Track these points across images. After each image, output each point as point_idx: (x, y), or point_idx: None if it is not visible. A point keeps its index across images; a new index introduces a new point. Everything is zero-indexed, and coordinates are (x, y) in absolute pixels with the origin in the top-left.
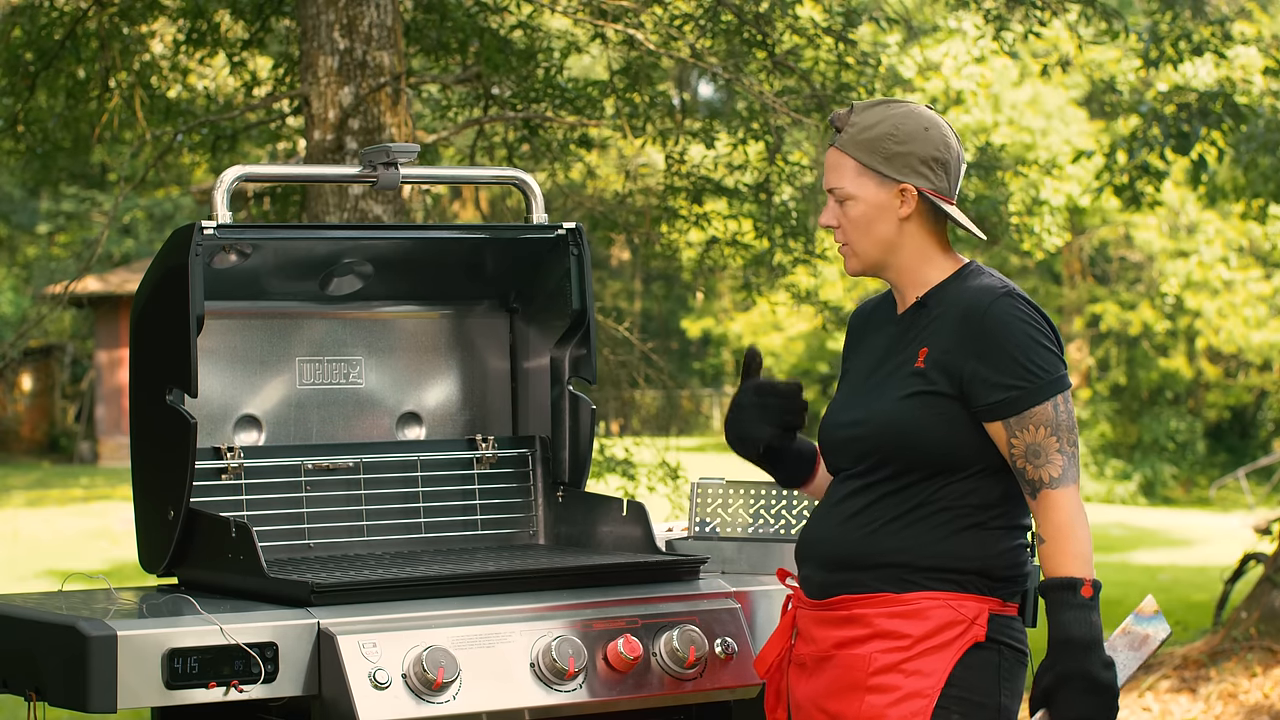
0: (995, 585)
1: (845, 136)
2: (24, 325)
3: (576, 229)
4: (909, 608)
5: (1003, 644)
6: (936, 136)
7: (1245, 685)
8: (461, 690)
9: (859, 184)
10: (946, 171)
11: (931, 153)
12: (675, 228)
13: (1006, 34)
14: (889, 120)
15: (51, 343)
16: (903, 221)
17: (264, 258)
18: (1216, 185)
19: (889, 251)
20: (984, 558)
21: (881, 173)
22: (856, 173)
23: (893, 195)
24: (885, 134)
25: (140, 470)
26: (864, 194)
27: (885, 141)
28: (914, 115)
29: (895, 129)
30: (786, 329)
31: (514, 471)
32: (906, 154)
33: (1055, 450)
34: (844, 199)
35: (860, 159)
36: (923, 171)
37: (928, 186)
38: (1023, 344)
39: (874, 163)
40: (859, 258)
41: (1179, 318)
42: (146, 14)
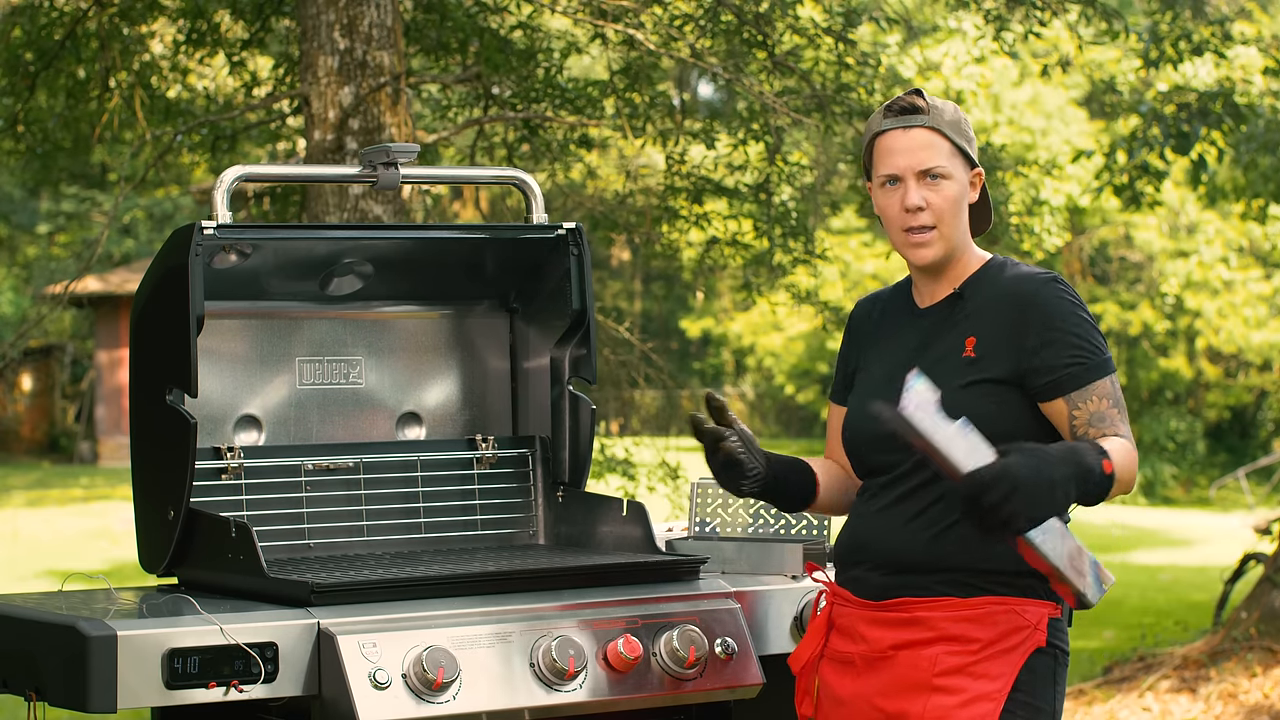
0: (1047, 589)
1: (932, 118)
2: (24, 325)
3: (576, 229)
4: (975, 612)
5: (1059, 649)
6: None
7: (1245, 685)
8: (461, 690)
9: (953, 163)
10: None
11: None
12: (675, 228)
13: (1006, 34)
14: (954, 109)
15: (51, 343)
16: (969, 206)
17: (264, 258)
18: (1216, 185)
19: (963, 236)
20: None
21: (969, 155)
22: (950, 153)
23: (970, 179)
24: (960, 119)
25: (140, 470)
26: (956, 172)
27: (963, 126)
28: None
29: (961, 117)
30: (786, 329)
31: (514, 471)
32: (972, 140)
33: (1118, 419)
34: (942, 177)
35: (954, 139)
36: (978, 161)
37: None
38: (1078, 323)
39: (963, 144)
40: (945, 241)
41: (1179, 318)
42: (146, 14)
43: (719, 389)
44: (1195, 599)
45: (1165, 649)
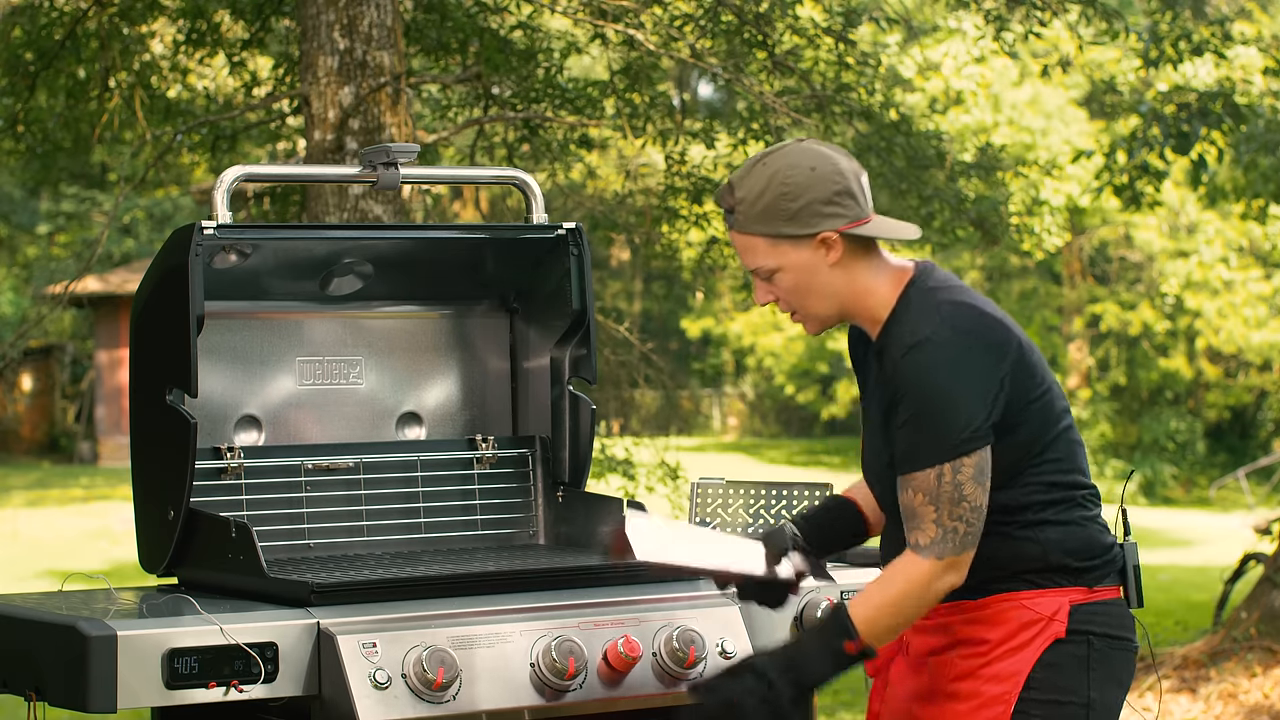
0: (1076, 575)
1: (739, 217)
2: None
3: (576, 229)
4: (985, 612)
5: (1092, 634)
6: (826, 169)
7: (1245, 685)
8: (461, 690)
9: (777, 255)
10: (852, 196)
11: (830, 189)
12: (675, 228)
13: (1006, 34)
14: (774, 180)
15: (51, 343)
16: (834, 267)
17: (264, 258)
18: (1216, 185)
19: (839, 301)
20: (1047, 555)
21: (793, 235)
22: (769, 246)
23: (815, 249)
24: (776, 196)
25: (140, 470)
26: (787, 262)
27: (780, 204)
28: (795, 161)
29: (784, 186)
30: (786, 329)
31: (514, 471)
32: (806, 205)
33: (930, 520)
34: (770, 275)
35: (765, 232)
36: (831, 212)
37: (844, 223)
38: (922, 400)
39: (780, 229)
40: (815, 320)
41: (1179, 318)
42: (146, 14)
43: (719, 389)
44: (1195, 599)
45: (1165, 649)
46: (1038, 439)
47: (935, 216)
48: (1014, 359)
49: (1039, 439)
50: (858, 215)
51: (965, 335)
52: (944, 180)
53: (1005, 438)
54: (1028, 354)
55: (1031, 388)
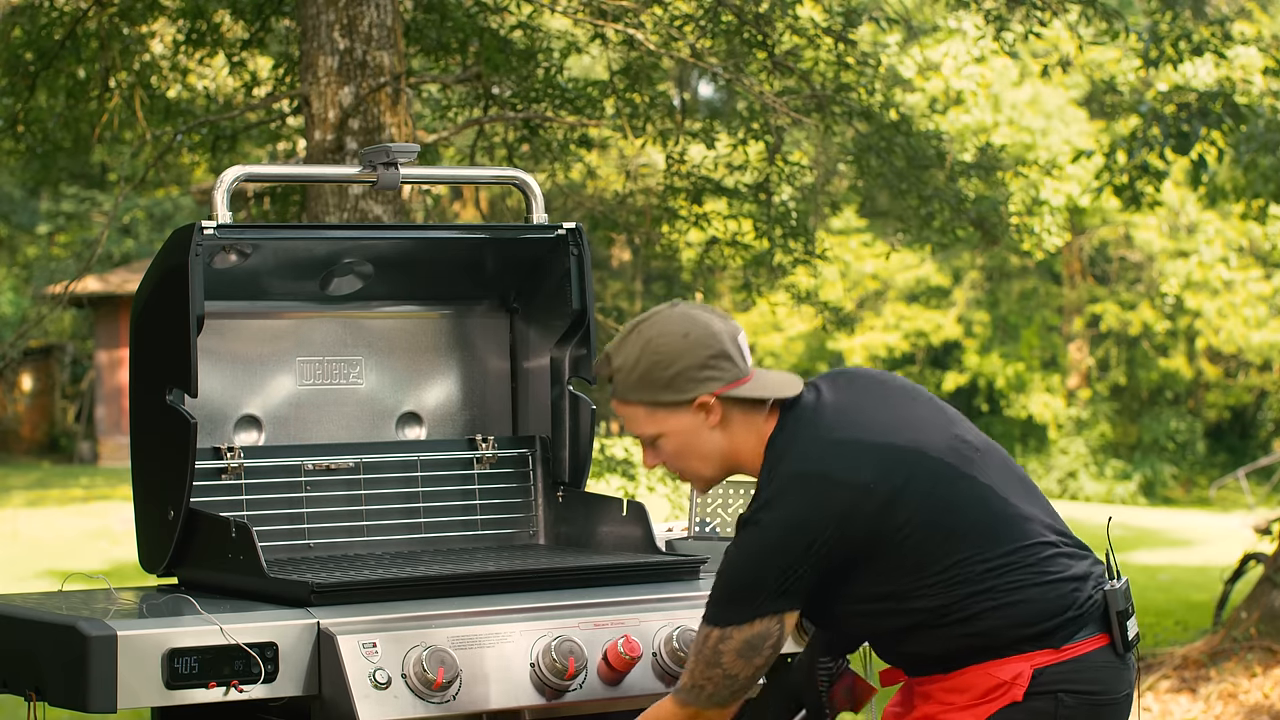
0: (1039, 639)
1: (618, 386)
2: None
3: (576, 229)
4: (955, 680)
5: (1061, 692)
6: (699, 334)
7: (1245, 685)
8: (461, 690)
9: (657, 422)
10: (728, 357)
11: (703, 355)
12: (675, 228)
13: (1007, 34)
14: (647, 349)
15: (51, 343)
16: (715, 429)
17: (264, 258)
18: (1216, 185)
19: (724, 459)
20: (997, 636)
21: (670, 401)
22: (648, 414)
23: (694, 414)
24: (650, 365)
25: (140, 470)
26: (668, 428)
27: (654, 372)
28: (667, 328)
29: (657, 354)
30: (786, 329)
31: (514, 471)
32: (679, 373)
33: (689, 668)
34: (653, 439)
35: (644, 400)
36: (706, 376)
37: (720, 386)
38: (727, 564)
39: (658, 397)
40: (702, 479)
41: (1179, 318)
42: (146, 14)
43: None
44: (1195, 599)
45: (1165, 649)
46: (931, 553)
47: (935, 216)
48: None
49: (933, 552)
50: (735, 376)
51: (784, 518)
52: (944, 180)
53: (878, 568)
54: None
55: (895, 522)
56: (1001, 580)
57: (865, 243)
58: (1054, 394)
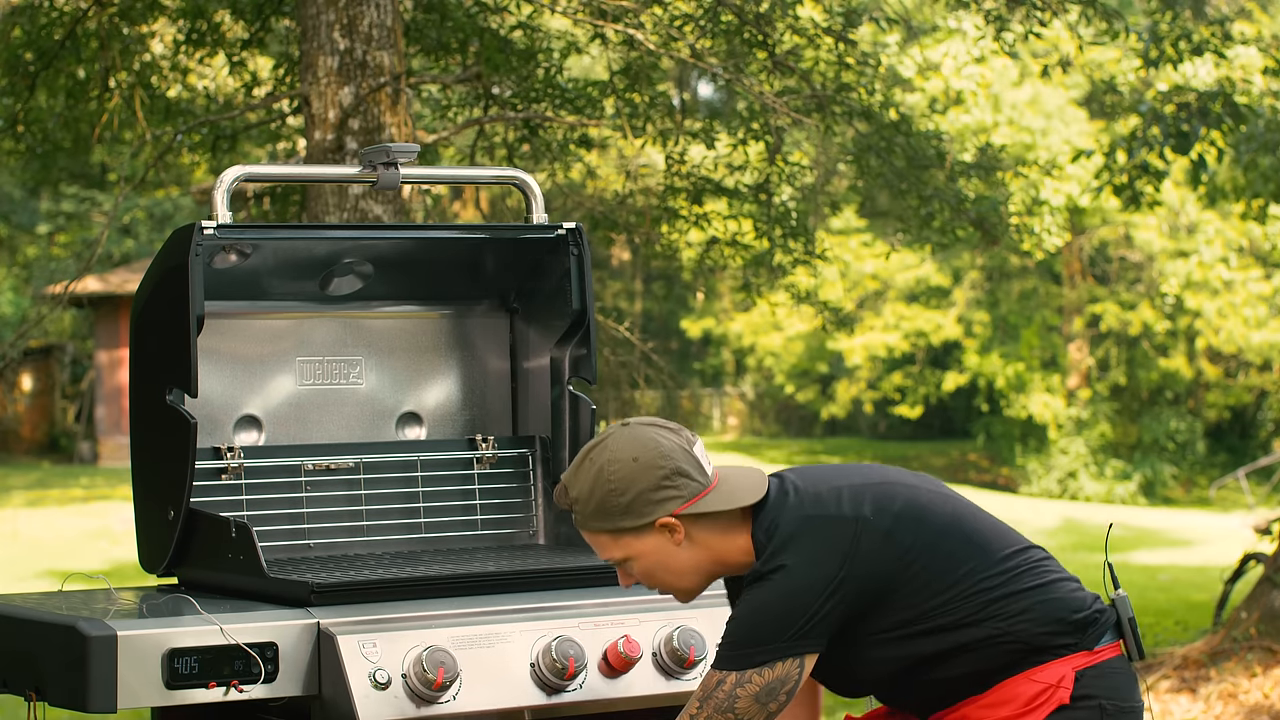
0: (1069, 643)
1: (578, 516)
2: (24, 325)
3: (576, 229)
4: (996, 695)
5: (1103, 702)
6: (649, 456)
7: (1245, 685)
8: (461, 690)
9: (624, 546)
10: (683, 474)
11: (657, 477)
12: (675, 228)
13: (1007, 34)
14: (600, 477)
15: (51, 343)
16: (684, 545)
17: (264, 258)
18: (1216, 185)
19: (700, 569)
20: (1025, 635)
21: (632, 527)
22: (612, 540)
23: (658, 534)
24: (605, 494)
25: (140, 470)
26: (635, 551)
27: (610, 500)
28: (616, 454)
29: (610, 482)
30: (786, 329)
31: (514, 471)
32: (635, 498)
33: (689, 714)
34: (622, 562)
35: (604, 528)
36: (663, 497)
37: (679, 504)
38: (742, 614)
39: (618, 524)
40: (683, 592)
41: (1179, 318)
42: (146, 14)
43: (719, 389)
44: (1195, 599)
45: (1165, 649)
46: (941, 569)
47: (935, 216)
48: (854, 557)
49: (942, 567)
50: (695, 491)
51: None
52: (944, 180)
53: (896, 595)
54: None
55: (902, 545)
56: (1013, 585)
57: (865, 243)
58: (1054, 394)
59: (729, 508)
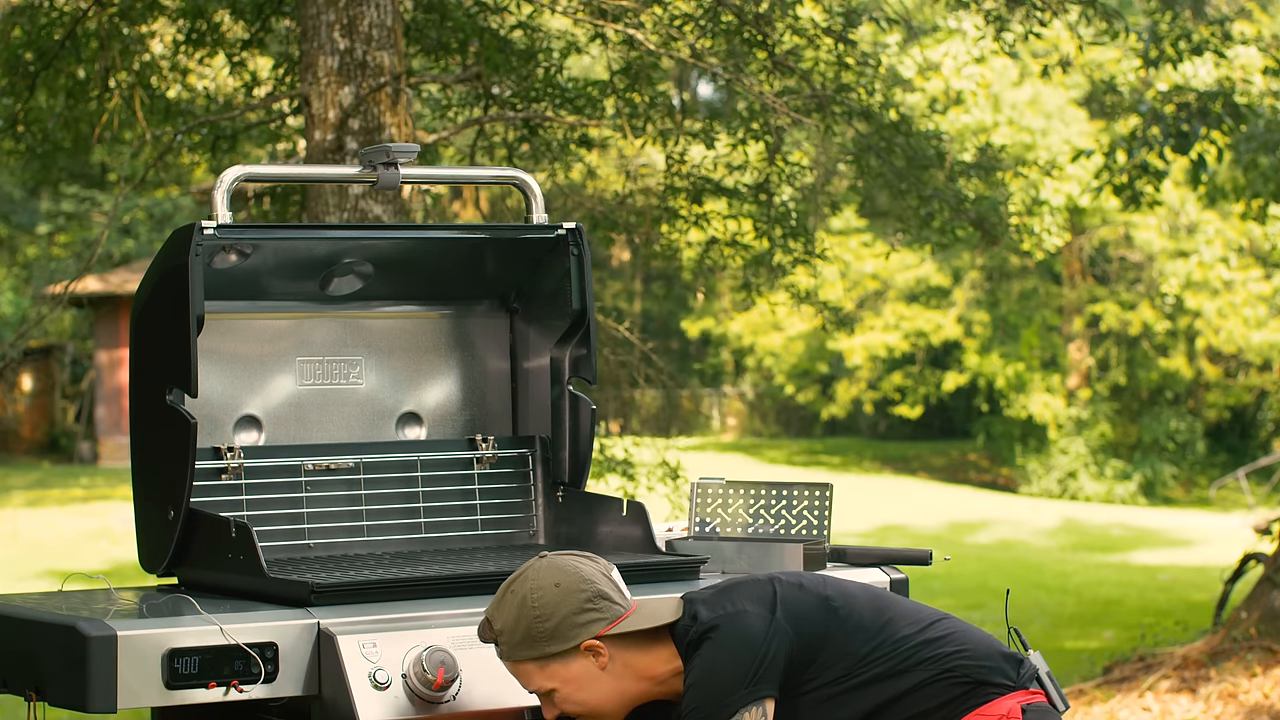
0: (1004, 682)
1: (503, 649)
2: (24, 325)
3: (576, 229)
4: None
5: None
6: (570, 581)
7: (1245, 685)
8: (461, 690)
9: (549, 675)
10: (605, 597)
11: (579, 601)
12: (675, 228)
13: (1006, 34)
14: (524, 606)
15: (51, 343)
16: (609, 669)
17: (264, 258)
18: (1216, 185)
19: (624, 694)
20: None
21: (557, 652)
22: (539, 669)
23: (583, 658)
24: (530, 621)
25: (140, 470)
26: (559, 679)
27: (535, 626)
28: (539, 582)
29: (535, 609)
30: (786, 329)
31: (514, 471)
32: (560, 622)
33: None
34: (548, 693)
35: (532, 656)
36: (587, 620)
37: (603, 626)
38: (694, 682)
39: (544, 649)
40: (607, 713)
41: (1179, 318)
42: (146, 14)
43: (719, 389)
44: (1195, 599)
45: (1165, 649)
46: (864, 615)
47: (935, 216)
48: (781, 604)
49: (864, 613)
50: (617, 614)
51: (731, 626)
52: (944, 180)
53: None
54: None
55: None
56: (932, 631)
57: (865, 243)
58: (1054, 394)
59: (651, 625)
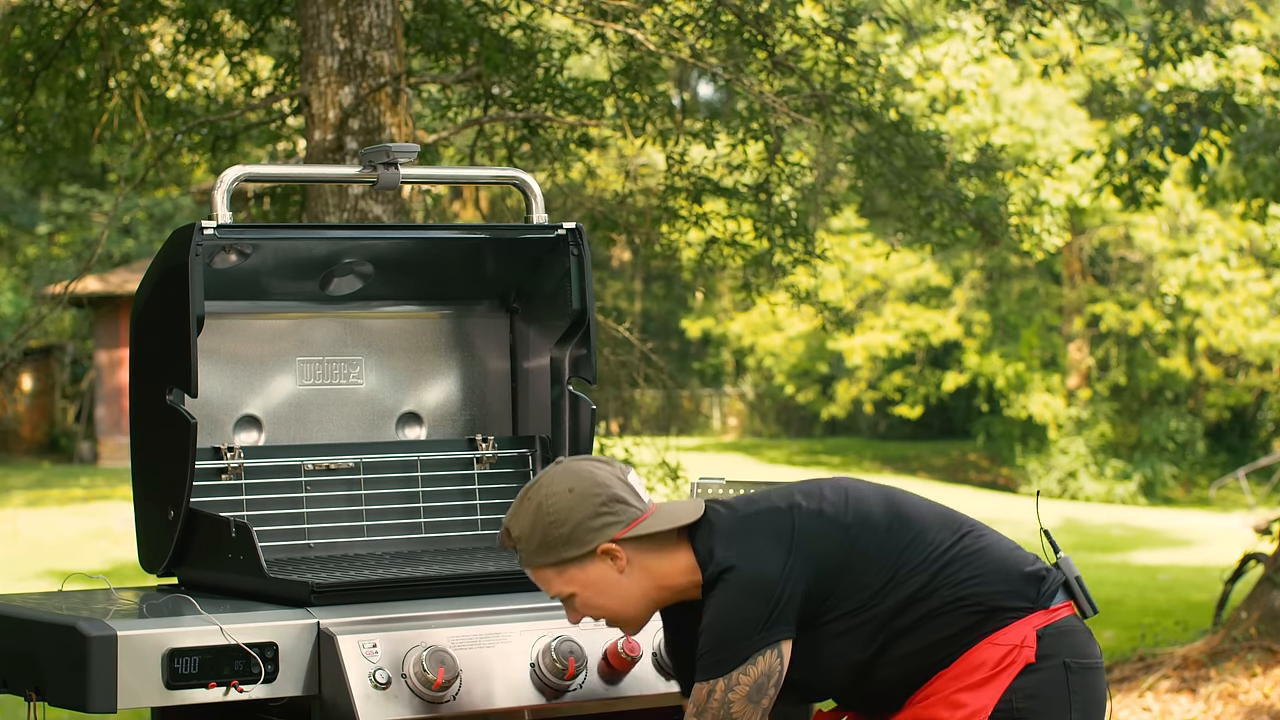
0: (1022, 606)
1: (522, 555)
2: (24, 325)
3: (576, 229)
4: (961, 666)
5: (1067, 662)
6: (584, 486)
7: (1245, 685)
8: (461, 690)
9: (568, 579)
10: (620, 500)
11: (595, 504)
12: (675, 228)
13: (1006, 34)
14: (539, 513)
15: (51, 343)
16: (626, 572)
17: (264, 258)
18: (1216, 185)
19: (645, 596)
20: (981, 597)
21: (574, 557)
22: (557, 574)
23: (600, 562)
24: (546, 527)
25: (140, 470)
26: (578, 583)
27: (551, 532)
28: (553, 488)
29: (550, 515)
30: (786, 329)
31: (514, 471)
32: (575, 527)
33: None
34: (569, 598)
35: (550, 562)
36: (603, 524)
37: (619, 529)
38: (709, 625)
39: (561, 555)
40: (629, 622)
41: (1179, 318)
42: (146, 14)
43: (719, 389)
44: (1195, 599)
45: (1165, 649)
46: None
47: (935, 216)
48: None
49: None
50: (633, 517)
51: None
52: (944, 180)
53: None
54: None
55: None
56: (955, 550)
57: (865, 243)
58: (1054, 394)
59: (668, 528)
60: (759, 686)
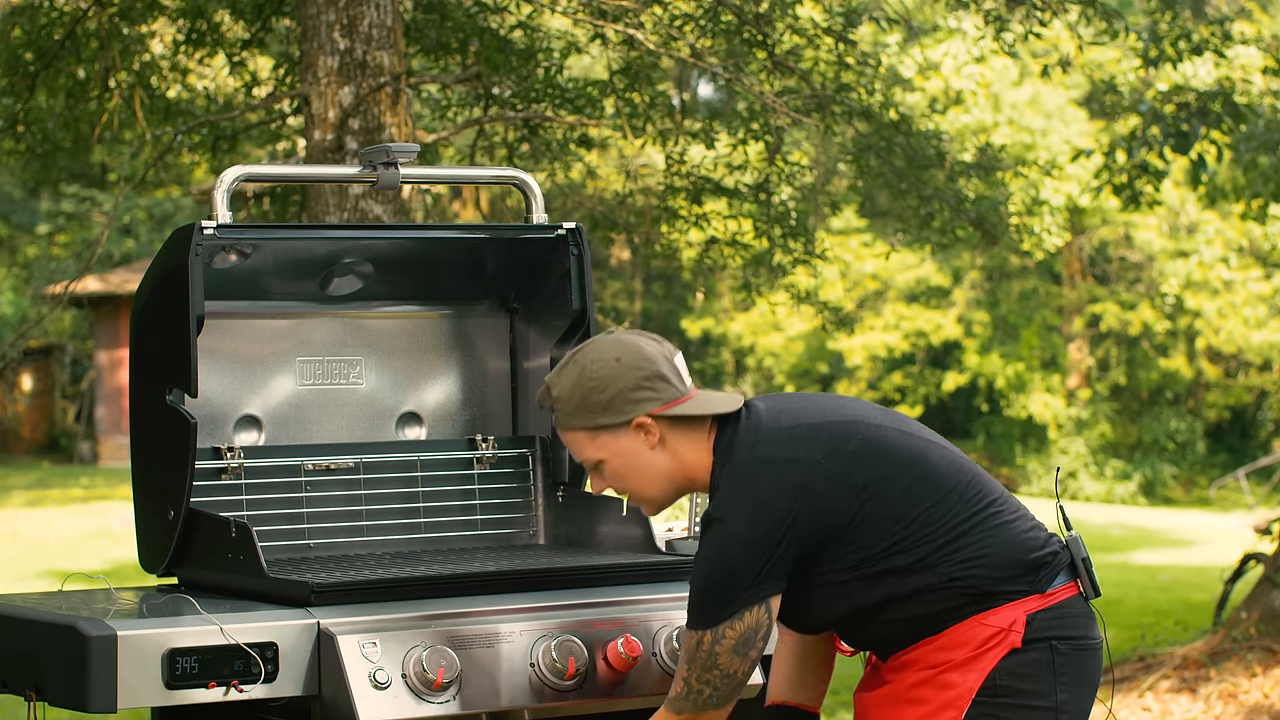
0: (1022, 588)
1: (559, 414)
2: (24, 325)
3: (576, 229)
4: (947, 639)
5: (1054, 639)
6: (631, 357)
7: (1245, 685)
8: (461, 690)
9: (599, 445)
10: (663, 379)
11: (637, 376)
12: (675, 228)
13: (1006, 34)
14: (583, 375)
15: (51, 343)
16: (656, 449)
17: (264, 258)
18: (1216, 185)
19: (669, 477)
20: (980, 578)
21: (609, 424)
22: (590, 438)
23: (633, 434)
24: (587, 390)
25: (140, 470)
26: (610, 451)
27: (591, 397)
28: (600, 354)
29: (592, 380)
30: (786, 329)
31: (514, 471)
32: (615, 395)
33: (681, 678)
34: (596, 464)
35: (584, 425)
36: (641, 397)
37: (656, 405)
38: (699, 569)
39: (596, 421)
40: (650, 500)
41: (1179, 318)
42: (146, 14)
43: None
44: (1195, 599)
45: (1165, 649)
46: (895, 510)
47: (935, 216)
48: (805, 495)
49: (896, 508)
50: (672, 396)
51: (747, 507)
52: (944, 180)
53: (848, 535)
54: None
55: (855, 485)
56: (968, 525)
57: (865, 243)
58: (1054, 394)
59: (703, 413)
60: (746, 640)
